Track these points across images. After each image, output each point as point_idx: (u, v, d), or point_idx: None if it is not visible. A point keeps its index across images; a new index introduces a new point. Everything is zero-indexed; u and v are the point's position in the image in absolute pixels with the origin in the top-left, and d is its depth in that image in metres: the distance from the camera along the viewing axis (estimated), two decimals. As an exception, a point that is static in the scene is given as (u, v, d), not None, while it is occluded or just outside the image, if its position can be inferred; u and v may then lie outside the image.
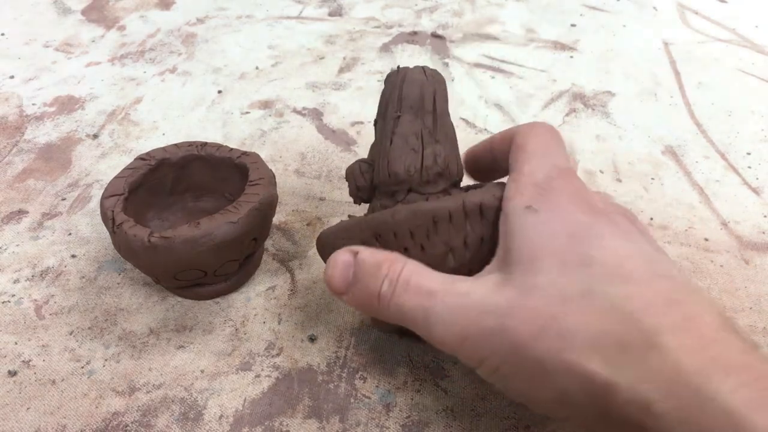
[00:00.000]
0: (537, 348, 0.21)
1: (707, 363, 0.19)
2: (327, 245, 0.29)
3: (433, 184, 0.28)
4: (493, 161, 0.31)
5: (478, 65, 0.56)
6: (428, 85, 0.29)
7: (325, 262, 0.30)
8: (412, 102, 0.28)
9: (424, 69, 0.29)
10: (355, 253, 0.26)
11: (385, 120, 0.29)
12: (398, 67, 0.30)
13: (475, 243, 0.26)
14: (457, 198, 0.26)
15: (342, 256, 0.26)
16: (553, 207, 0.24)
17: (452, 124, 0.29)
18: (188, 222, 0.30)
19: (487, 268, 0.25)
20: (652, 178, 0.43)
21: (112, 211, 0.31)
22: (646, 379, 0.19)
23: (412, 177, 0.28)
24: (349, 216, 0.31)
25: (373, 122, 0.31)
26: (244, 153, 0.35)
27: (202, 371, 0.31)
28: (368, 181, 0.30)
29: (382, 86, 0.31)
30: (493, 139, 0.31)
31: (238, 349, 0.32)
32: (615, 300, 0.21)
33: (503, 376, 0.23)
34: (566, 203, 0.24)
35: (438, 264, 0.26)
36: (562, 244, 0.23)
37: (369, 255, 0.26)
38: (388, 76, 0.30)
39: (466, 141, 0.46)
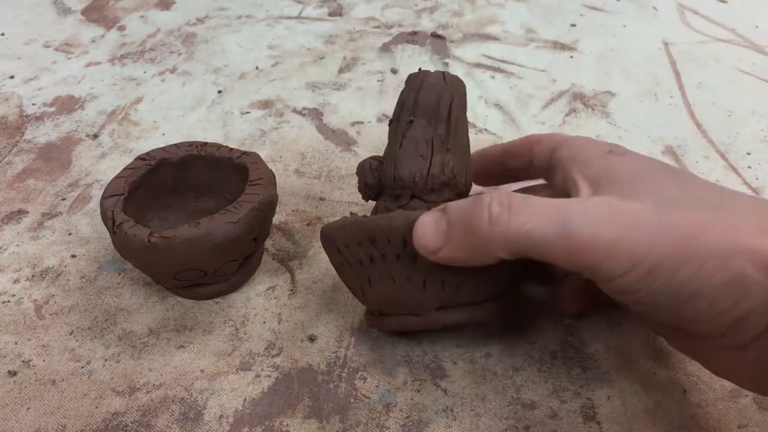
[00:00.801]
0: (708, 237, 0.21)
1: None
2: (327, 241, 0.29)
3: (437, 192, 0.28)
4: (504, 167, 0.31)
5: (478, 65, 0.56)
6: (446, 91, 0.28)
7: (328, 256, 0.30)
8: (428, 107, 0.28)
9: (444, 74, 0.29)
10: (443, 210, 0.25)
11: (399, 122, 0.29)
12: (419, 69, 0.30)
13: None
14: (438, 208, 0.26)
15: (428, 216, 0.25)
16: (631, 153, 0.26)
17: (467, 134, 0.29)
18: (188, 222, 0.30)
19: (580, 197, 0.24)
20: (652, 178, 0.43)
21: (112, 211, 0.31)
22: None
23: (416, 183, 0.28)
24: (351, 213, 0.31)
25: (388, 122, 0.31)
26: (244, 153, 0.35)
27: (202, 371, 0.31)
28: (377, 179, 0.30)
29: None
30: (506, 146, 0.31)
31: (238, 349, 0.32)
32: (752, 206, 0.23)
33: (659, 277, 0.21)
34: (636, 155, 0.26)
35: (428, 279, 0.26)
36: (669, 175, 0.24)
37: (459, 201, 0.25)
38: (409, 77, 0.30)
39: (466, 141, 0.46)
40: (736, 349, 0.23)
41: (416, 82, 0.29)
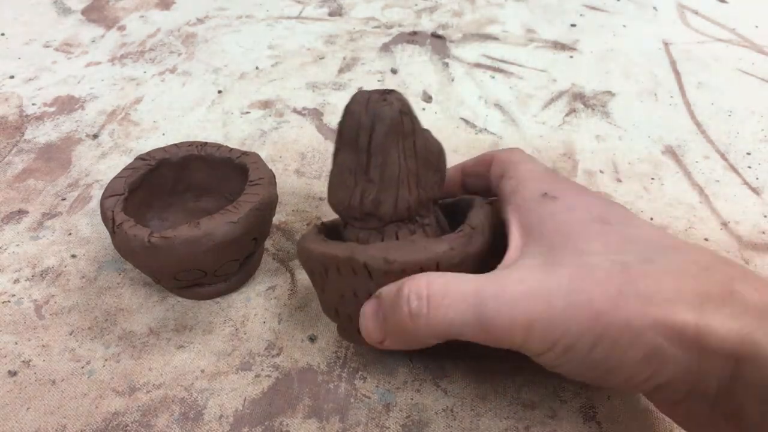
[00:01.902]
0: (619, 312, 0.21)
1: None
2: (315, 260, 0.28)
3: (362, 221, 0.28)
4: (466, 189, 0.32)
5: (478, 65, 0.56)
6: (366, 119, 0.26)
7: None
8: (348, 137, 0.27)
9: (369, 99, 0.27)
10: (378, 296, 0.25)
11: (335, 148, 0.28)
12: (358, 90, 0.28)
13: (363, 297, 0.27)
14: (347, 248, 0.26)
15: (368, 307, 0.26)
16: (570, 194, 0.25)
17: (402, 161, 0.27)
18: (188, 222, 0.30)
19: (511, 255, 0.24)
20: (652, 178, 0.43)
21: (112, 211, 0.31)
22: (736, 315, 0.20)
23: (342, 212, 0.28)
24: (322, 223, 0.31)
25: None
26: (244, 153, 0.35)
27: (202, 371, 0.31)
28: None
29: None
30: (465, 166, 0.31)
31: (238, 349, 0.32)
32: (679, 262, 0.22)
33: (580, 353, 0.22)
34: (579, 191, 0.25)
35: (337, 303, 0.27)
36: (597, 227, 0.23)
37: (388, 289, 0.25)
38: (351, 99, 0.28)
39: (466, 141, 0.46)
40: (669, 404, 0.24)
41: (346, 106, 0.28)
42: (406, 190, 0.27)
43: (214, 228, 0.30)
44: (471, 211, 0.28)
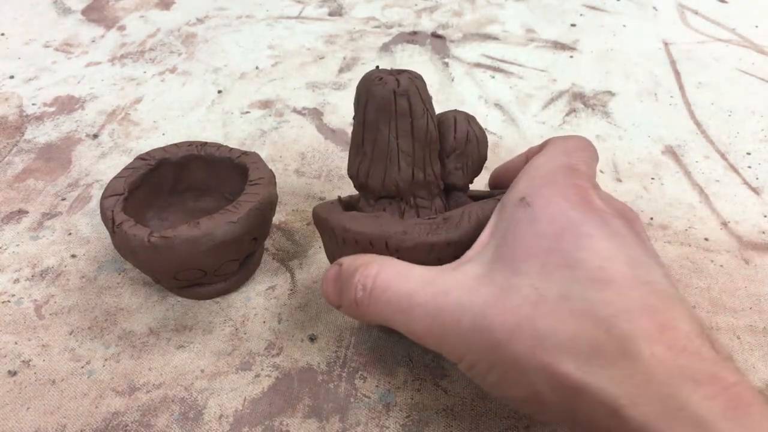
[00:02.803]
0: (511, 347, 0.21)
1: (679, 372, 0.19)
2: (319, 223, 0.30)
3: (362, 192, 0.30)
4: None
5: (478, 65, 0.56)
6: (362, 94, 0.28)
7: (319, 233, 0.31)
8: (355, 112, 0.29)
9: (369, 77, 0.28)
10: (340, 265, 0.26)
11: None
12: (377, 67, 0.30)
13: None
14: (330, 214, 0.29)
15: (331, 271, 0.26)
16: (545, 202, 0.23)
17: (393, 139, 0.28)
18: (188, 222, 0.30)
19: (469, 253, 0.25)
20: (652, 178, 0.43)
21: (112, 211, 0.31)
22: (616, 384, 0.19)
23: (352, 181, 0.30)
24: (339, 198, 0.31)
25: None
26: (244, 153, 0.35)
27: (202, 371, 0.31)
28: None
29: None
30: (530, 150, 0.31)
31: (238, 349, 0.32)
32: (591, 304, 0.21)
33: (480, 373, 0.23)
34: (560, 199, 0.23)
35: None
36: (547, 244, 0.22)
37: (348, 263, 0.26)
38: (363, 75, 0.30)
39: (466, 141, 0.46)
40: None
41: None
42: (396, 167, 0.28)
43: (214, 228, 0.30)
44: (470, 203, 0.29)
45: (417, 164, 0.28)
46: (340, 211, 0.29)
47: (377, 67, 0.30)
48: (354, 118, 0.29)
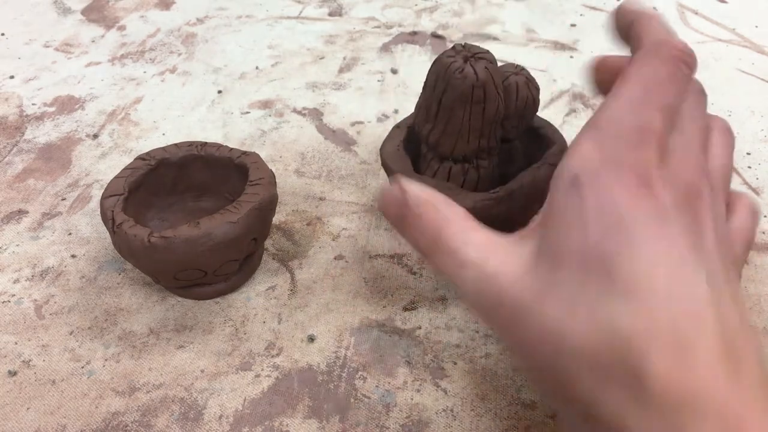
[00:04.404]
0: (536, 352, 0.21)
1: (686, 400, 0.18)
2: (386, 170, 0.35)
3: (431, 152, 0.34)
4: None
5: (478, 65, 0.56)
6: (441, 84, 0.31)
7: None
8: (428, 81, 0.32)
9: (449, 66, 0.30)
10: (405, 192, 0.25)
11: None
12: (453, 46, 0.32)
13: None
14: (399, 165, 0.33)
15: (393, 193, 0.25)
16: (598, 189, 0.21)
17: (467, 120, 0.31)
18: (188, 222, 0.30)
19: (530, 228, 0.24)
20: (652, 178, 0.43)
21: (112, 211, 0.31)
22: (624, 406, 0.19)
23: (418, 135, 0.34)
24: (396, 127, 0.36)
25: None
26: (244, 153, 0.35)
27: (202, 371, 0.31)
28: None
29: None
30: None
31: (238, 349, 0.32)
32: (617, 320, 0.19)
33: (511, 352, 0.24)
34: (616, 185, 0.21)
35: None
36: (592, 241, 0.20)
37: (415, 198, 0.25)
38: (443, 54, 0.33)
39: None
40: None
41: (437, 58, 0.32)
42: (465, 141, 0.32)
43: (214, 228, 0.30)
44: (527, 168, 0.33)
45: (483, 136, 0.32)
46: (410, 169, 0.33)
47: (453, 46, 0.32)
48: (424, 89, 0.32)
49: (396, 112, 0.49)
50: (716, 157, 0.25)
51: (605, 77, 0.28)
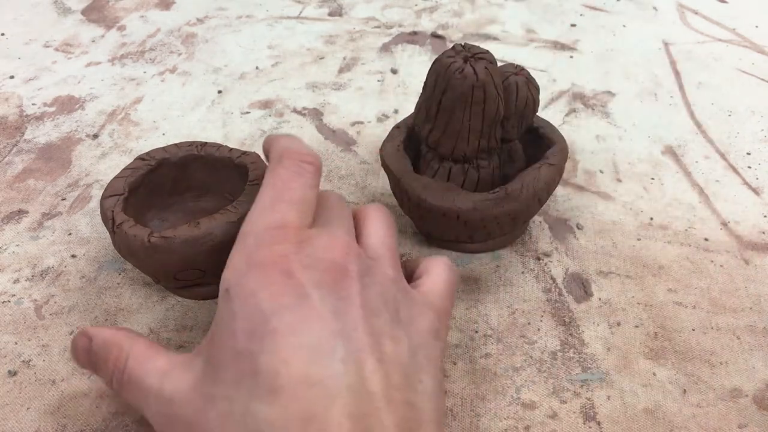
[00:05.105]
0: None
1: None
2: (386, 170, 0.35)
3: (431, 152, 0.34)
4: None
5: (478, 65, 0.56)
6: (441, 83, 0.31)
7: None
8: (428, 81, 0.32)
9: (449, 66, 0.31)
10: (90, 339, 0.26)
11: None
12: (453, 45, 0.32)
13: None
14: (414, 185, 0.33)
15: (81, 341, 0.26)
16: (246, 294, 0.22)
17: (467, 121, 0.31)
18: (188, 222, 0.30)
19: (204, 342, 0.24)
20: (652, 178, 0.43)
21: (112, 211, 0.31)
22: None
23: (417, 134, 0.35)
24: (396, 127, 0.37)
25: None
26: (244, 153, 0.35)
27: (202, 371, 0.31)
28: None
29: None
30: None
31: (238, 349, 0.32)
32: (258, 416, 0.20)
33: None
34: (260, 285, 0.22)
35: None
36: (240, 346, 0.21)
37: (101, 344, 0.25)
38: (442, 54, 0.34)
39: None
40: None
41: (437, 58, 0.32)
42: (465, 141, 0.32)
43: (214, 228, 0.30)
44: (527, 168, 0.33)
45: (483, 137, 0.32)
46: (409, 169, 0.34)
47: (453, 46, 0.32)
48: (424, 89, 0.33)
49: (396, 112, 0.49)
50: (372, 235, 0.26)
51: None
